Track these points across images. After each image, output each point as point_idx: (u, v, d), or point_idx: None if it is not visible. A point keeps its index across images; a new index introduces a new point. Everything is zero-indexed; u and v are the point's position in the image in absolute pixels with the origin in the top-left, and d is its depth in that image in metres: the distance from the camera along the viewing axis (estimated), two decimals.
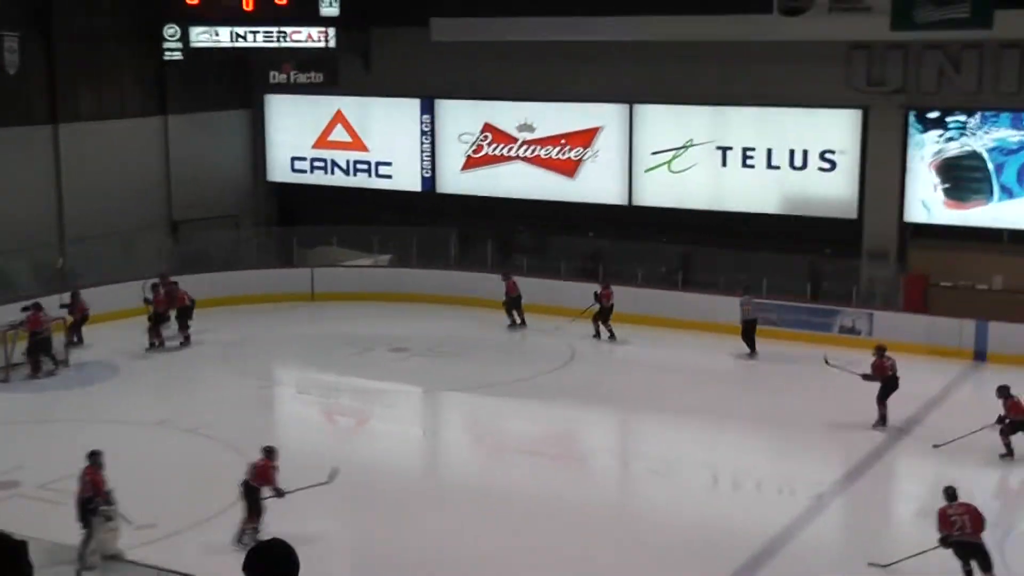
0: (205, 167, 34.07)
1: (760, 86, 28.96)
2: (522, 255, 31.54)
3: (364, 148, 34.62)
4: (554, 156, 31.99)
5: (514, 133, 32.42)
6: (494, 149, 32.77)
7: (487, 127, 32.78)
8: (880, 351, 21.20)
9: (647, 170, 30.80)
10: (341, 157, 34.94)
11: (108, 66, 31.71)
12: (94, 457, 15.51)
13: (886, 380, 20.87)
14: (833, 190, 28.74)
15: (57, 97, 30.36)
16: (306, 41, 31.76)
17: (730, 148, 29.74)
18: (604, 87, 30.81)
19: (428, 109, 33.54)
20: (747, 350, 25.48)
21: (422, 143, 33.73)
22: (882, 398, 20.83)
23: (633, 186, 31.01)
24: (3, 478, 17.85)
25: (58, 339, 24.46)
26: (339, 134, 34.85)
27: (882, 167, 28.07)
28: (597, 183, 31.45)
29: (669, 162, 30.48)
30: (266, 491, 15.64)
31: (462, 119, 33.18)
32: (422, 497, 17.84)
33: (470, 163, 33.23)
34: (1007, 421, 19.08)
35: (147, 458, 19.25)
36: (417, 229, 32.24)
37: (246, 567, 4.47)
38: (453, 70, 32.38)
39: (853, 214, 28.56)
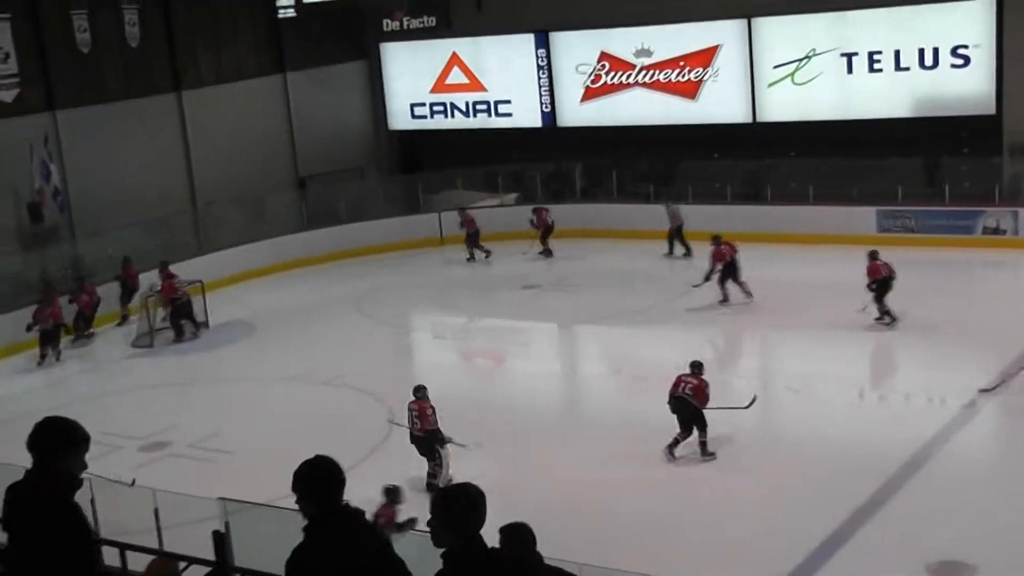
0: (327, 121, 34.38)
1: None
2: (648, 183, 31.25)
3: (482, 88, 34.56)
4: (674, 79, 31.53)
5: (631, 59, 32.00)
6: (612, 78, 32.42)
7: (604, 56, 32.42)
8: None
9: (770, 85, 30.20)
10: (460, 99, 34.94)
11: (225, 29, 32.16)
12: (420, 391, 15.71)
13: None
14: (968, 86, 27.74)
15: (178, 65, 30.90)
16: None
17: (855, 54, 28.92)
18: (720, 3, 30.19)
19: (543, 43, 33.27)
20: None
21: (539, 78, 33.54)
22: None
23: (756, 103, 30.47)
24: (156, 439, 18.34)
25: (198, 302, 24.98)
26: (456, 76, 34.84)
27: (1021, 58, 26.92)
28: (719, 103, 30.97)
29: (792, 74, 29.82)
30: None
31: (578, 50, 32.87)
32: (568, 433, 17.79)
33: (589, 94, 32.94)
34: None
35: (290, 412, 19.56)
36: (541, 165, 32.19)
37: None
38: (565, 1, 32.01)
39: (991, 109, 27.57)
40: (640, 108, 32.03)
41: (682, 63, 31.34)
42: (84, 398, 20.78)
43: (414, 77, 35.50)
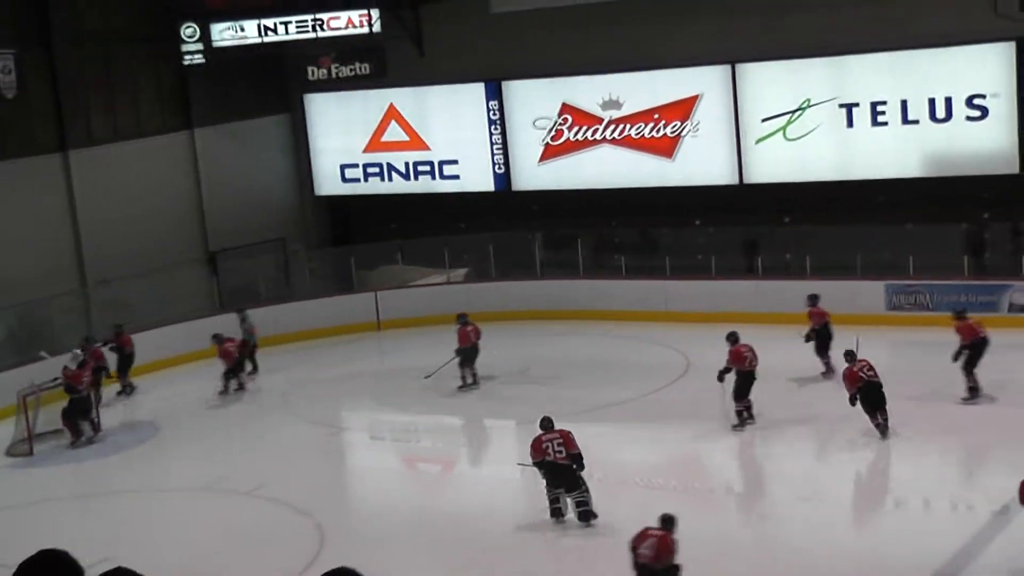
0: (242, 185, 34.37)
1: (888, 26, 28.42)
2: (620, 254, 31.31)
3: (424, 146, 34.66)
4: (647, 135, 31.72)
5: (598, 112, 32.20)
6: (576, 133, 32.59)
7: (566, 108, 32.59)
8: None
9: (758, 140, 30.43)
10: (399, 159, 34.99)
11: (120, 78, 32.07)
12: (547, 421, 17.76)
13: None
14: (986, 142, 28.10)
15: (64, 119, 30.72)
16: (346, 28, 31.87)
17: (856, 104, 29.22)
18: (700, 48, 30.50)
19: (495, 94, 33.43)
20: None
21: (491, 134, 33.67)
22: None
23: (743, 161, 30.70)
24: None
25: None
26: (394, 133, 34.92)
27: None
28: (700, 162, 31.17)
29: (784, 128, 30.07)
30: None
31: (536, 102, 33.06)
32: (532, 547, 17.53)
33: (549, 152, 33.08)
34: None
35: (200, 529, 19.24)
36: (494, 235, 32.16)
37: None
38: (520, 45, 32.33)
39: (1014, 168, 27.86)
40: (609, 168, 32.19)
41: (656, 116, 31.54)
42: None
43: (345, 134, 35.54)
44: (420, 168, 34.83)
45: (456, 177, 34.40)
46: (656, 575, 14.13)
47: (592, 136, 32.38)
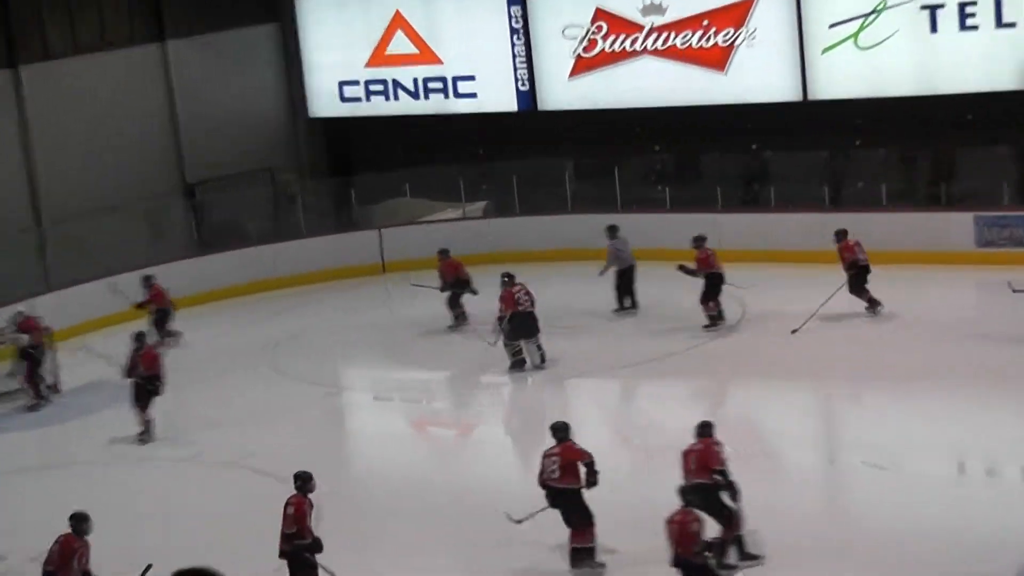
0: (224, 107, 34.33)
1: None
2: (664, 185, 31.15)
3: (436, 60, 34.55)
4: (695, 44, 31.52)
5: (638, 18, 31.98)
6: (612, 43, 32.39)
7: (600, 14, 32.41)
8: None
9: (825, 50, 30.18)
10: (406, 75, 34.87)
11: None
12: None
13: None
14: None
15: (13, 31, 30.56)
16: None
17: (940, 6, 28.88)
18: None
19: None
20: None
21: (514, 45, 33.49)
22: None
23: (807, 74, 30.45)
24: None
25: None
26: (401, 44, 34.79)
27: None
28: (757, 75, 30.99)
29: (855, 35, 29.79)
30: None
31: (565, 7, 32.91)
32: (555, 519, 17.42)
33: (581, 66, 32.89)
34: None
35: (182, 504, 19.32)
36: (517, 163, 31.99)
37: None
38: None
39: None
40: (651, 84, 31.98)
41: (706, 22, 31.31)
42: None
43: (343, 46, 35.43)
44: (431, 85, 34.66)
45: (473, 95, 34.23)
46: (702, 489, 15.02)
47: (631, 47, 32.11)
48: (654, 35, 31.83)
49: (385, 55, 34.99)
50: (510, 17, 33.34)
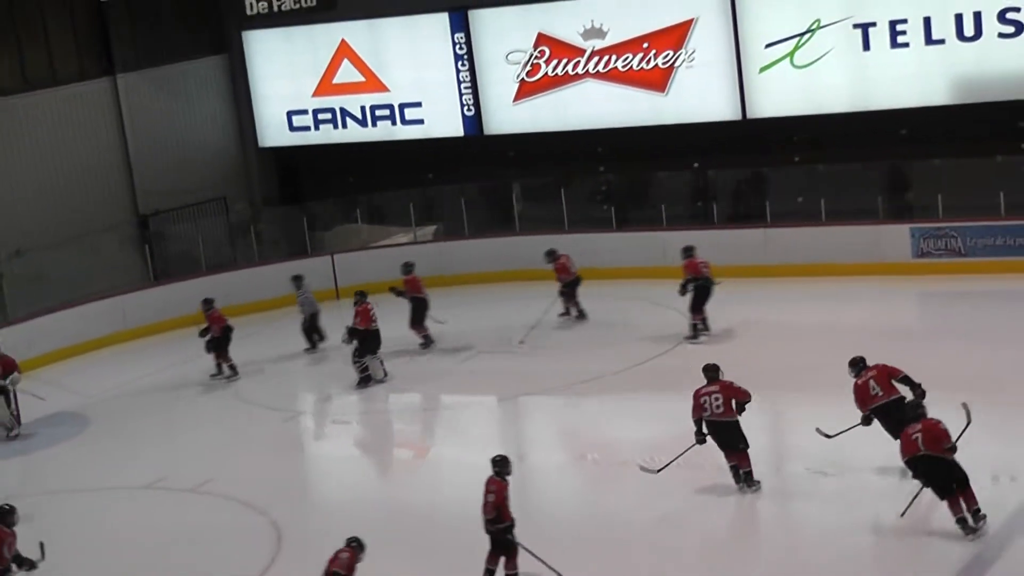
0: (175, 139, 34.36)
1: None
2: (609, 204, 31.36)
3: (383, 87, 34.64)
4: (636, 67, 31.70)
5: (579, 42, 32.18)
6: (555, 67, 32.57)
7: (542, 39, 32.56)
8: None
9: (762, 69, 30.45)
10: (353, 103, 34.97)
11: (27, 17, 31.78)
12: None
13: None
14: (1022, 62, 28.05)
15: None
16: None
17: (872, 24, 29.22)
18: None
19: (461, 24, 33.40)
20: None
21: (459, 71, 33.63)
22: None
23: (746, 93, 30.69)
24: None
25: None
26: (347, 73, 34.87)
27: None
28: (697, 96, 31.18)
29: (791, 54, 30.06)
30: None
31: (508, 33, 33.04)
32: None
33: (525, 90, 33.06)
34: None
35: (143, 532, 19.25)
36: (465, 187, 32.13)
37: None
38: None
39: None
40: (593, 107, 32.19)
41: (646, 45, 31.50)
42: None
43: (291, 76, 35.49)
44: (378, 112, 34.77)
45: (420, 122, 34.33)
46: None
47: (573, 70, 32.31)
48: (595, 58, 32.01)
49: (332, 84, 35.06)
50: (454, 44, 33.49)
